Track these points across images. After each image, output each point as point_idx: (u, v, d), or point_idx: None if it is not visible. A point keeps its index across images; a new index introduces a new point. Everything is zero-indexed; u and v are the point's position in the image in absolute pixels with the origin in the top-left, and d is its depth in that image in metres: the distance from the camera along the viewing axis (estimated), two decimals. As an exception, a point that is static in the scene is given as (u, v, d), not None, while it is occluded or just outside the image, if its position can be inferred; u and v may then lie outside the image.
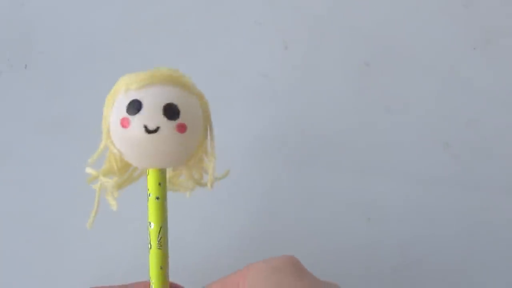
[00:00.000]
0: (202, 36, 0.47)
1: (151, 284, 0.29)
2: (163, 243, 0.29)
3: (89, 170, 0.30)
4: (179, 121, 0.28)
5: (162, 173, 0.30)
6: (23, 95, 0.45)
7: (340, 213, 0.42)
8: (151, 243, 0.29)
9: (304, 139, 0.44)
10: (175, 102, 0.28)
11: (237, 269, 0.30)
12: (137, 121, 0.27)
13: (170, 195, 0.30)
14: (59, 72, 0.46)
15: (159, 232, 0.29)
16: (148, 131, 0.27)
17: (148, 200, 0.29)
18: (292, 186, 0.43)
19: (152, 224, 0.29)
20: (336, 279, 0.40)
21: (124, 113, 0.28)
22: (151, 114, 0.27)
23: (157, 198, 0.29)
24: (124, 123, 0.28)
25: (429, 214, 0.42)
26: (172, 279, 0.30)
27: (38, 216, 0.42)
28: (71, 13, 0.48)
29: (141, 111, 0.27)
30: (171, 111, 0.28)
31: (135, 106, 0.28)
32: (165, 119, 0.27)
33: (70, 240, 0.41)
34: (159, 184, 0.29)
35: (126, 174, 0.31)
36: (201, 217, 0.41)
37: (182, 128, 0.28)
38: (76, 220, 0.41)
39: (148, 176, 0.30)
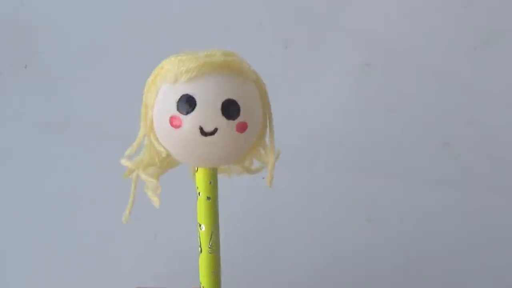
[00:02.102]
0: (202, 36, 0.47)
1: None
2: (215, 247, 0.26)
3: (125, 162, 0.26)
4: (239, 119, 0.24)
5: (213, 170, 0.26)
6: (23, 95, 0.45)
7: (340, 213, 0.42)
8: (202, 247, 0.26)
9: (304, 139, 0.44)
10: (234, 97, 0.24)
11: (236, 269, 0.30)
12: (191, 122, 0.23)
13: (164, 195, 0.28)
14: (59, 72, 0.46)
15: (211, 235, 0.26)
16: (205, 133, 0.24)
17: (197, 200, 0.26)
18: (292, 186, 0.43)
19: (203, 227, 0.26)
20: (336, 279, 0.40)
21: (173, 110, 0.24)
22: (208, 114, 0.23)
23: (208, 198, 0.26)
24: (175, 123, 0.24)
25: (429, 214, 0.42)
26: (168, 279, 0.30)
27: (38, 216, 0.42)
28: (71, 13, 0.48)
29: (196, 110, 0.23)
30: (230, 110, 0.24)
31: (188, 103, 0.23)
32: (224, 118, 0.23)
33: (70, 240, 0.41)
34: (210, 182, 0.26)
35: (166, 164, 0.27)
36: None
37: (243, 128, 0.24)
38: (76, 220, 0.42)
39: (197, 174, 0.26)
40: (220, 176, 0.30)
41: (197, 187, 0.26)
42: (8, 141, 0.44)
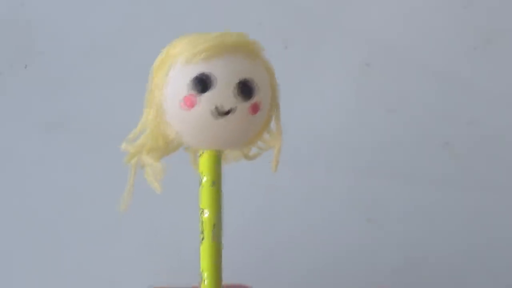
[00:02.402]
0: (202, 36, 0.47)
1: (203, 278, 0.26)
2: (218, 234, 0.26)
3: (126, 146, 0.26)
4: (253, 100, 0.24)
5: (219, 154, 0.26)
6: (23, 95, 0.45)
7: (340, 213, 0.42)
8: (204, 234, 0.26)
9: (304, 139, 0.44)
10: (249, 77, 0.24)
11: (236, 268, 0.30)
12: (207, 101, 0.23)
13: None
14: (59, 72, 0.46)
15: (215, 222, 0.26)
16: (220, 113, 0.23)
17: (201, 185, 0.26)
18: (292, 186, 0.43)
19: (206, 213, 0.26)
20: (336, 280, 0.40)
21: (188, 90, 0.23)
22: (224, 94, 0.23)
23: (214, 182, 0.25)
24: (189, 103, 0.23)
25: (429, 214, 0.42)
26: (168, 280, 0.30)
27: (38, 216, 0.42)
28: (71, 13, 0.48)
29: (212, 89, 0.23)
30: (246, 90, 0.24)
31: (204, 82, 0.23)
32: (239, 99, 0.23)
33: (71, 239, 0.41)
34: (216, 167, 0.25)
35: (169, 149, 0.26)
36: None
37: (256, 109, 0.24)
38: (76, 219, 0.42)
39: (202, 158, 0.25)
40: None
41: (201, 172, 0.26)
42: (8, 141, 0.44)
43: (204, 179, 0.26)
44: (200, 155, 0.26)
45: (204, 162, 0.26)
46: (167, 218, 0.40)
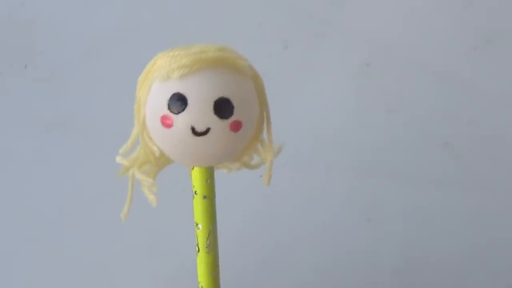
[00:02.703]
0: (202, 36, 0.47)
1: None
2: (212, 247, 0.26)
3: (120, 160, 0.26)
4: (233, 118, 0.23)
5: (209, 169, 0.25)
6: (23, 95, 0.45)
7: (340, 213, 0.42)
8: (199, 246, 0.26)
9: (304, 139, 0.44)
10: (227, 95, 0.23)
11: (235, 270, 0.30)
12: (182, 122, 0.22)
13: (162, 195, 0.27)
14: (59, 72, 0.46)
15: (208, 235, 0.26)
16: (197, 133, 0.23)
17: (194, 199, 0.26)
18: (292, 186, 0.43)
19: (200, 226, 0.26)
20: (336, 279, 0.40)
21: (165, 109, 0.23)
22: (200, 113, 0.22)
23: (205, 197, 0.26)
24: (166, 122, 0.23)
25: (429, 214, 0.42)
26: (166, 281, 0.30)
27: (38, 217, 0.42)
28: (71, 13, 0.48)
29: (187, 109, 0.22)
30: (223, 109, 0.23)
31: (178, 102, 0.22)
32: (216, 118, 0.23)
33: (70, 240, 0.41)
34: (206, 181, 0.25)
35: (162, 162, 0.26)
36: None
37: (237, 127, 0.23)
38: (76, 220, 0.42)
39: (193, 172, 0.25)
40: (218, 176, 0.30)
41: (193, 186, 0.26)
42: (8, 141, 0.44)
43: (196, 193, 0.26)
44: (192, 169, 0.26)
45: (195, 177, 0.25)
46: (166, 225, 0.40)
